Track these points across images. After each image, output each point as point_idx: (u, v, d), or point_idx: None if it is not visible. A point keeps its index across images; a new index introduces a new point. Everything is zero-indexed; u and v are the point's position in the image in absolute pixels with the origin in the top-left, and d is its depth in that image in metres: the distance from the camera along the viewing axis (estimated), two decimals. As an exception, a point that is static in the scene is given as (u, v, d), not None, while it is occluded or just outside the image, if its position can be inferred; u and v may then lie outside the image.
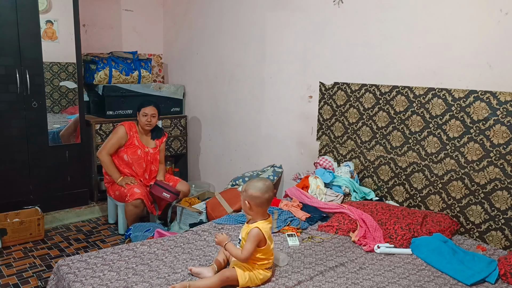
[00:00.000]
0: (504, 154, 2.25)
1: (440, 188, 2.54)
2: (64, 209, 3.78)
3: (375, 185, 2.90)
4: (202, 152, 4.49)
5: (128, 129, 3.44)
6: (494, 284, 1.90)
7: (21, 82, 3.39)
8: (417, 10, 2.55)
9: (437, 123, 2.52)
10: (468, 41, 2.34)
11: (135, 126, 3.51)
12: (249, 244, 1.79)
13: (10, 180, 3.48)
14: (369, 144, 2.91)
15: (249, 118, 3.83)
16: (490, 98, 2.27)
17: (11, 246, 3.25)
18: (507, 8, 2.18)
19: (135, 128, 3.50)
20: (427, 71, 2.55)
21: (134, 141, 3.47)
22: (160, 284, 1.81)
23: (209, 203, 3.26)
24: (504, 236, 2.29)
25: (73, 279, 1.84)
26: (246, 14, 3.72)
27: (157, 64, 4.84)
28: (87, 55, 4.10)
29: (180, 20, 4.55)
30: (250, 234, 1.80)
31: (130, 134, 3.44)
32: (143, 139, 3.53)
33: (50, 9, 3.54)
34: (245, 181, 3.33)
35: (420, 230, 2.31)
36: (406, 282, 1.89)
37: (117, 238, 3.49)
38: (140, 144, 3.49)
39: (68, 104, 3.77)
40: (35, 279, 2.80)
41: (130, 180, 3.37)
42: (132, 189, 3.29)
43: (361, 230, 2.34)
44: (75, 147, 3.78)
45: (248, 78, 3.79)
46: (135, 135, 3.48)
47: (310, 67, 3.23)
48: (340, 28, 2.98)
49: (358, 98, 2.93)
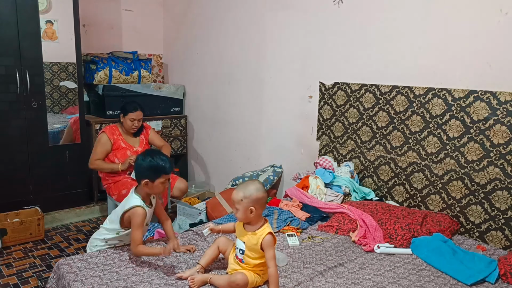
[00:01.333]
0: (504, 154, 2.25)
1: (440, 188, 2.54)
2: (64, 209, 3.78)
3: (375, 185, 2.90)
4: (202, 152, 4.49)
5: (110, 134, 3.36)
6: (494, 284, 1.90)
7: (21, 82, 3.39)
8: (417, 10, 2.55)
9: (437, 123, 2.52)
10: (468, 41, 2.34)
11: (118, 129, 3.43)
12: (272, 252, 1.73)
13: (10, 180, 3.47)
14: (369, 144, 2.91)
15: (249, 118, 3.83)
16: (490, 98, 2.27)
17: (11, 246, 3.25)
18: (507, 8, 2.18)
19: (118, 130, 3.42)
20: (427, 71, 2.55)
21: (120, 144, 3.40)
22: (160, 284, 1.81)
23: (209, 203, 3.26)
24: (504, 236, 2.29)
25: (73, 278, 1.84)
26: (246, 14, 3.72)
27: (157, 64, 4.84)
28: (87, 55, 4.10)
29: (180, 20, 4.55)
30: (267, 242, 1.73)
31: (114, 138, 3.38)
32: (128, 139, 3.46)
33: (50, 9, 3.54)
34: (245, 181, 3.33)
35: (420, 230, 2.31)
36: (406, 282, 1.89)
37: (117, 238, 3.49)
38: (127, 145, 3.43)
39: (68, 104, 3.77)
40: (35, 279, 2.80)
41: (129, 159, 3.31)
42: None
43: (361, 230, 2.34)
44: (75, 147, 3.78)
45: (248, 78, 3.79)
46: (119, 138, 3.40)
47: (310, 67, 3.23)
48: (340, 28, 2.98)
49: (358, 98, 2.93)
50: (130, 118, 3.36)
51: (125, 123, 3.38)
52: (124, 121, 3.39)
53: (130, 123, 3.38)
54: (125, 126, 3.40)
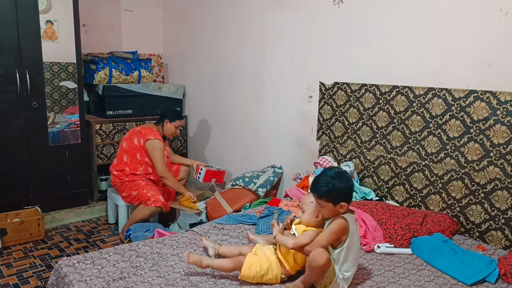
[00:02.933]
0: (504, 154, 2.25)
1: (440, 188, 2.55)
2: (64, 209, 3.78)
3: (375, 185, 2.90)
4: (202, 152, 4.49)
5: (161, 140, 3.45)
6: (494, 284, 1.90)
7: (21, 82, 3.39)
8: (417, 10, 2.55)
9: (437, 123, 2.52)
10: (468, 41, 2.34)
11: (159, 134, 3.49)
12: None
13: (10, 180, 3.48)
14: (369, 144, 2.91)
15: (249, 118, 3.83)
16: (490, 98, 2.27)
17: (11, 246, 3.25)
18: (507, 8, 2.18)
19: (160, 135, 3.49)
20: (427, 71, 2.55)
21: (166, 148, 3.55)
22: (160, 284, 1.81)
23: (209, 204, 3.26)
24: (504, 236, 2.29)
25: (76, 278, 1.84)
26: (246, 14, 3.72)
27: (157, 64, 4.85)
28: (87, 55, 4.10)
29: (180, 20, 4.55)
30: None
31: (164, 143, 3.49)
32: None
33: (50, 9, 3.54)
34: (245, 181, 3.32)
35: (420, 230, 2.31)
36: (406, 282, 1.89)
37: (117, 238, 3.49)
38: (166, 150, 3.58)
39: (68, 104, 3.77)
40: (35, 279, 2.80)
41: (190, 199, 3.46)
42: (157, 196, 3.30)
43: (361, 230, 2.34)
44: (75, 147, 3.78)
45: (248, 78, 3.79)
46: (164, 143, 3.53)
47: (310, 67, 3.24)
48: (340, 28, 2.98)
49: (358, 98, 2.93)
50: (177, 124, 3.53)
51: (170, 128, 3.53)
52: (168, 127, 3.52)
53: (175, 129, 3.54)
54: (168, 131, 3.55)
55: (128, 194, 3.39)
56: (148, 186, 3.37)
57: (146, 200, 3.27)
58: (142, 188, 3.33)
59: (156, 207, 3.26)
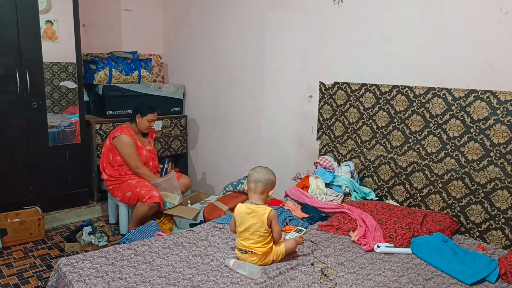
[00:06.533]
0: (504, 154, 2.25)
1: (440, 188, 2.55)
2: (64, 209, 3.78)
3: (375, 184, 2.91)
4: (202, 152, 4.49)
5: (129, 135, 3.40)
6: (494, 283, 1.90)
7: (21, 82, 3.39)
8: (417, 9, 2.55)
9: (437, 122, 2.52)
10: (468, 41, 2.35)
11: (130, 129, 3.45)
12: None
13: (10, 180, 3.47)
14: (369, 143, 2.91)
15: (249, 118, 3.83)
16: (490, 98, 2.28)
17: (12, 246, 3.25)
18: (507, 8, 2.18)
19: (131, 131, 3.45)
20: (427, 70, 2.55)
21: (138, 143, 3.48)
22: (161, 284, 1.81)
23: (206, 209, 3.28)
24: (504, 235, 2.29)
25: (76, 278, 1.84)
26: (246, 14, 3.72)
27: (157, 64, 4.84)
28: (87, 55, 4.10)
29: (180, 20, 4.55)
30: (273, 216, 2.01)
31: (134, 138, 3.44)
32: (140, 139, 3.53)
33: (50, 9, 3.54)
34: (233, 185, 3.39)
35: (420, 229, 2.31)
36: (406, 282, 1.89)
37: (118, 238, 3.49)
38: (142, 145, 3.51)
39: (68, 104, 3.77)
40: (35, 279, 2.80)
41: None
42: (151, 192, 3.29)
43: (361, 229, 2.34)
44: (75, 147, 3.78)
45: (248, 78, 3.79)
46: (135, 138, 3.46)
47: (310, 67, 3.24)
48: (340, 28, 2.98)
49: (358, 98, 2.93)
50: (149, 118, 3.46)
51: (143, 123, 3.46)
52: (141, 121, 3.46)
53: (148, 123, 3.47)
54: (141, 126, 3.48)
55: (123, 196, 3.39)
56: (141, 183, 3.36)
57: (142, 198, 3.28)
58: (135, 187, 3.33)
59: (152, 203, 3.27)
